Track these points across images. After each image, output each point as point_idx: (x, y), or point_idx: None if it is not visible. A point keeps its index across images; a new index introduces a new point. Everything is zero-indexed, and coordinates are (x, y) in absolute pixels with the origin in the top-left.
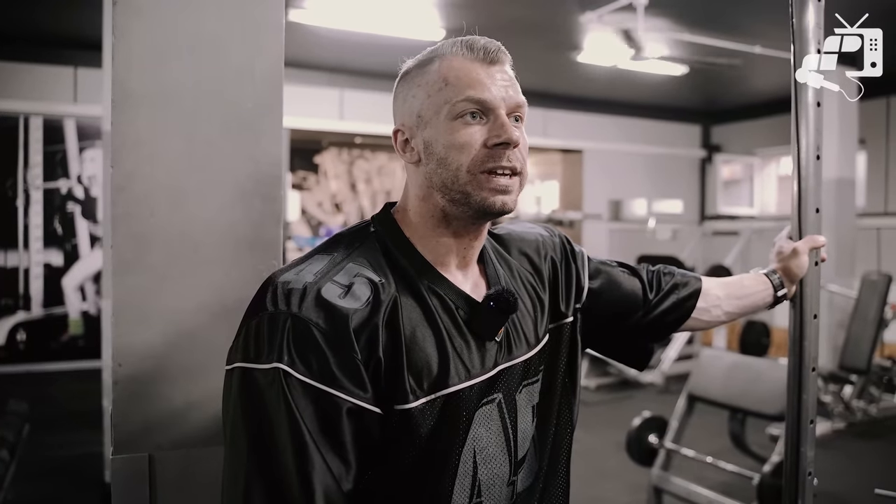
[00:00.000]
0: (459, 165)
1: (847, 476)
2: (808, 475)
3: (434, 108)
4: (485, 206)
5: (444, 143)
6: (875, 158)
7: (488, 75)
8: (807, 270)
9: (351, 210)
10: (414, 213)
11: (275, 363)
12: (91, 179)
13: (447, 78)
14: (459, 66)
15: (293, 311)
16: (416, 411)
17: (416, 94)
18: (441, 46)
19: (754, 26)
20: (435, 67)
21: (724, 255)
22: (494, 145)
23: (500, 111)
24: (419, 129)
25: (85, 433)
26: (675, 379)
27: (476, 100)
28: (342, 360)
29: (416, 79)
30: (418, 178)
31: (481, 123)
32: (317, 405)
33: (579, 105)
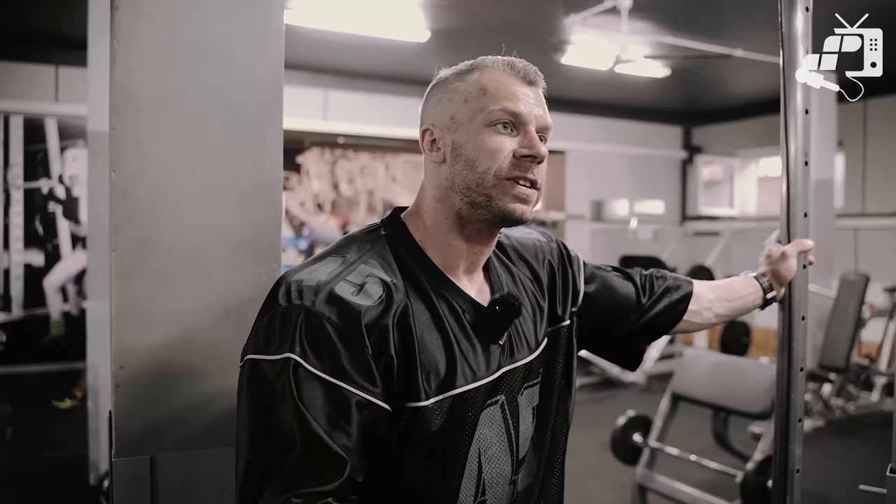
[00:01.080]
0: (487, 169)
1: (826, 473)
2: (797, 472)
3: (469, 113)
4: (505, 212)
5: (475, 146)
6: (852, 160)
7: (524, 93)
8: (795, 273)
9: None
10: (428, 214)
11: (286, 353)
12: (73, 179)
13: (486, 87)
14: (500, 79)
15: (306, 306)
16: (428, 410)
17: (452, 97)
18: (483, 60)
19: (736, 30)
20: (475, 77)
21: (705, 256)
22: (523, 156)
23: (531, 126)
24: (450, 130)
25: (69, 435)
26: (658, 378)
27: (511, 112)
28: (353, 354)
29: (454, 84)
30: (438, 178)
31: (512, 135)
32: (326, 397)
33: (562, 106)
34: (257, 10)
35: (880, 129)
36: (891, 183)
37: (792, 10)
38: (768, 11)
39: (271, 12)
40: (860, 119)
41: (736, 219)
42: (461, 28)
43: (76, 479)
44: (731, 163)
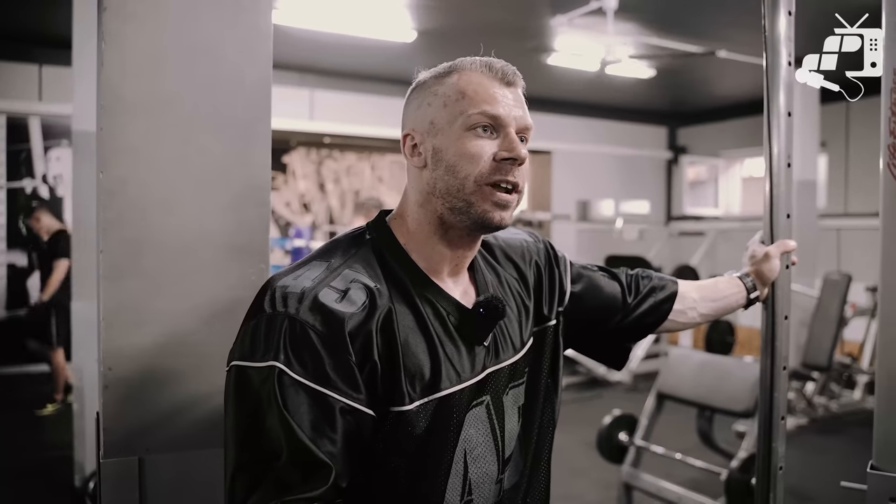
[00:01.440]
0: (468, 174)
1: (809, 470)
2: (780, 469)
3: (448, 118)
4: (484, 219)
5: (455, 151)
6: (835, 161)
7: (503, 94)
8: (778, 274)
9: (319, 210)
10: (412, 219)
11: (271, 361)
12: (57, 179)
13: (465, 91)
14: (478, 82)
15: (290, 313)
16: (412, 413)
17: (431, 101)
18: (461, 62)
19: (719, 31)
20: (453, 80)
21: (690, 255)
22: (503, 159)
23: (511, 128)
24: (430, 135)
25: (52, 437)
26: (643, 377)
27: (490, 115)
28: (337, 361)
29: (433, 87)
30: (420, 183)
31: (491, 138)
32: (310, 404)
33: (548, 107)
34: (246, 12)
35: (862, 130)
36: (873, 183)
37: (775, 14)
38: (752, 13)
39: (260, 14)
40: (843, 120)
41: (720, 219)
42: (447, 28)
43: (61, 481)
44: (715, 163)
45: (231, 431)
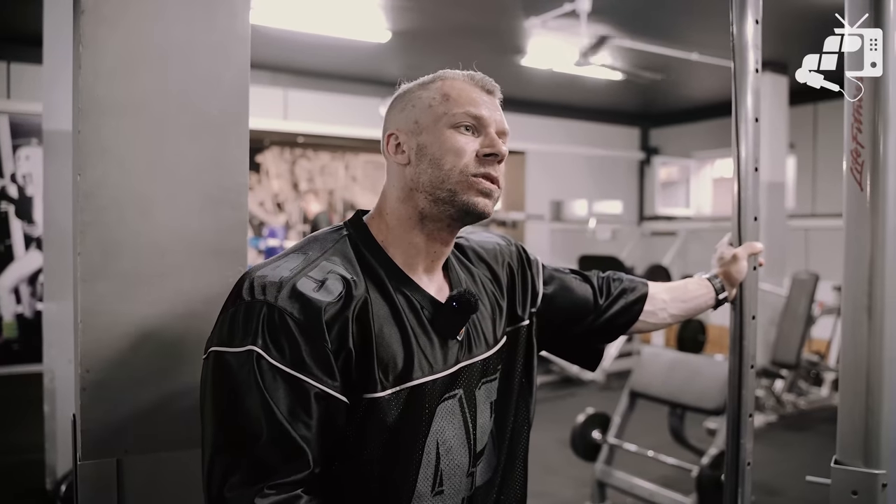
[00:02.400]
0: (453, 166)
1: (778, 465)
2: (748, 465)
3: (433, 117)
4: (468, 205)
5: (440, 146)
6: (804, 162)
7: (484, 99)
8: (746, 275)
9: (293, 210)
10: (391, 215)
11: (249, 346)
12: (26, 178)
13: (449, 94)
14: (461, 87)
15: (269, 301)
16: (383, 401)
17: (416, 104)
18: (444, 72)
19: (691, 34)
20: (438, 85)
21: (663, 255)
22: (486, 155)
23: (492, 129)
24: (415, 134)
25: (23, 440)
26: (616, 376)
27: (474, 115)
28: (313, 348)
29: (417, 92)
30: (402, 179)
31: (474, 136)
32: (287, 388)
33: (522, 107)
34: (221, 15)
35: (830, 132)
36: (840, 185)
37: (742, 22)
38: (723, 18)
39: (236, 18)
40: (811, 122)
41: (692, 219)
42: (422, 29)
43: (30, 485)
44: (687, 164)
45: (209, 415)
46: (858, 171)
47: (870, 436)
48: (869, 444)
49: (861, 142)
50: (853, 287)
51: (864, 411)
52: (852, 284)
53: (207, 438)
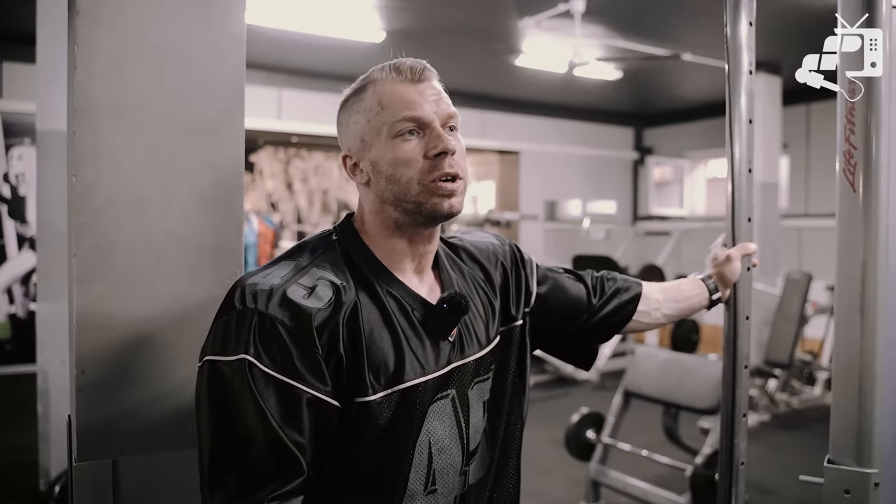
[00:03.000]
0: (409, 179)
1: (772, 464)
2: (741, 464)
3: (374, 131)
4: (435, 211)
5: (389, 160)
6: (797, 162)
7: (418, 93)
8: (739, 275)
9: (287, 209)
10: (369, 225)
11: (241, 354)
12: (19, 178)
13: (381, 101)
14: (391, 90)
15: (260, 309)
16: (375, 404)
17: (356, 120)
18: (371, 73)
19: (686, 35)
20: (369, 93)
21: (656, 255)
22: (434, 156)
23: (435, 124)
24: (364, 151)
25: (16, 440)
26: (610, 375)
27: (411, 118)
28: (304, 355)
29: (354, 105)
30: (370, 196)
31: (419, 137)
32: (279, 395)
33: (517, 107)
34: (217, 17)
35: (823, 132)
36: (833, 184)
37: (736, 24)
38: (716, 18)
39: (231, 19)
40: (804, 122)
41: (685, 219)
42: (416, 29)
43: (23, 486)
44: (680, 164)
45: (206, 424)
46: (851, 173)
47: (862, 435)
48: (861, 443)
49: (854, 143)
50: (846, 288)
51: (857, 411)
52: (845, 285)
53: (204, 447)
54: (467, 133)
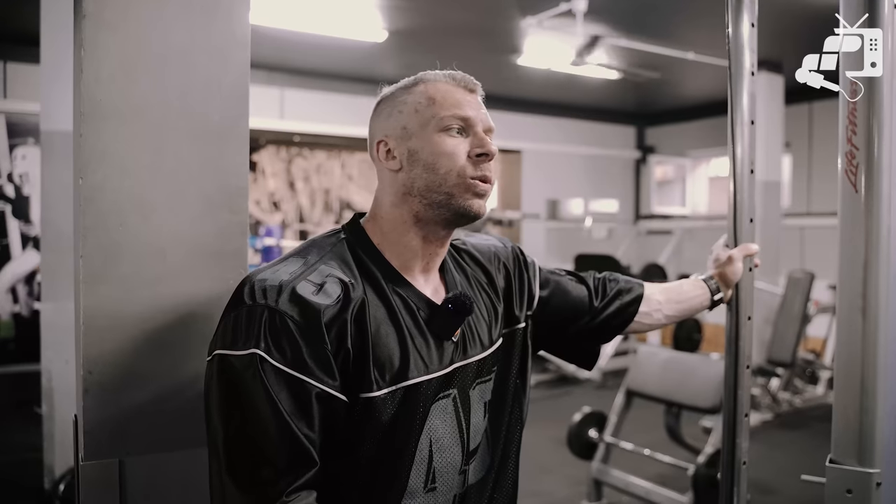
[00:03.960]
0: (449, 170)
1: (774, 464)
2: (743, 464)
3: (421, 122)
4: (464, 208)
5: (432, 150)
6: (799, 161)
7: (469, 100)
8: (741, 276)
9: (289, 209)
10: (385, 220)
11: (252, 349)
12: (23, 178)
13: (434, 97)
14: (445, 89)
15: (270, 304)
16: (379, 400)
17: (402, 109)
18: (424, 74)
19: (688, 34)
20: (421, 89)
21: (658, 254)
22: (478, 155)
23: (479, 128)
24: (404, 139)
25: (20, 439)
26: (613, 374)
27: (461, 117)
28: (314, 350)
29: (401, 97)
30: (395, 185)
31: (463, 137)
32: (289, 389)
33: (518, 106)
34: (220, 19)
35: (825, 131)
36: (835, 183)
37: (739, 24)
38: (718, 17)
39: (236, 23)
40: (806, 121)
41: (687, 217)
42: (418, 29)
43: (28, 484)
44: (682, 163)
45: (216, 418)
46: (853, 173)
47: (864, 435)
48: (863, 443)
49: (856, 143)
50: (848, 288)
51: (859, 411)
52: (847, 286)
53: (217, 441)
54: None
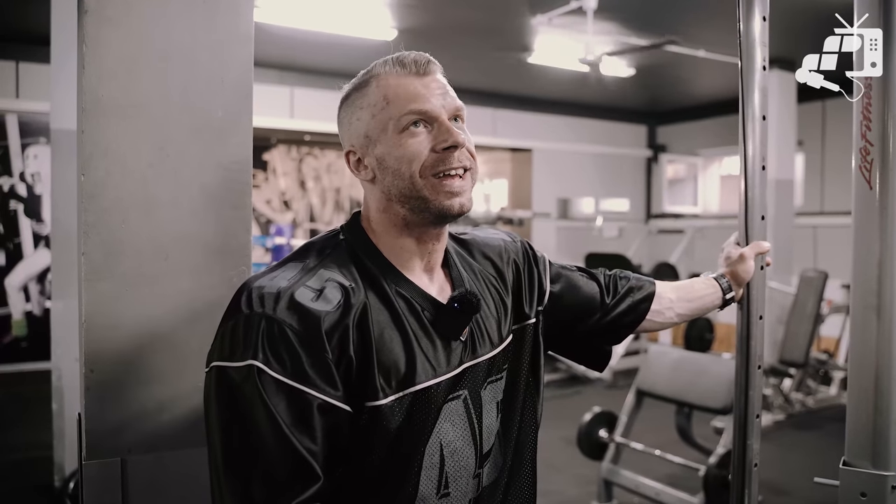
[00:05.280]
0: (413, 173)
1: (786, 465)
2: (755, 465)
3: (380, 126)
4: (443, 210)
5: (396, 155)
6: (812, 159)
7: (424, 86)
8: (753, 274)
9: (300, 208)
10: (376, 223)
11: (249, 360)
12: (35, 177)
13: (387, 96)
14: (396, 83)
15: (267, 313)
16: (386, 408)
17: (360, 116)
18: (374, 67)
19: (698, 31)
20: (373, 88)
21: (669, 253)
22: (443, 149)
23: (443, 117)
24: (369, 147)
25: (31, 437)
26: (623, 374)
27: (418, 111)
28: (314, 359)
29: (357, 101)
30: (376, 193)
31: (427, 132)
32: (289, 401)
33: (528, 105)
34: (224, 16)
35: (838, 129)
36: (848, 182)
37: (750, 19)
38: (731, 15)
39: (239, 18)
40: (819, 119)
41: (699, 216)
42: (428, 27)
43: (39, 482)
44: (694, 161)
45: (215, 432)
46: (867, 170)
47: (879, 437)
48: (878, 445)
49: (870, 140)
50: (862, 287)
51: (873, 412)
52: (861, 284)
53: (217, 455)
54: (479, 131)
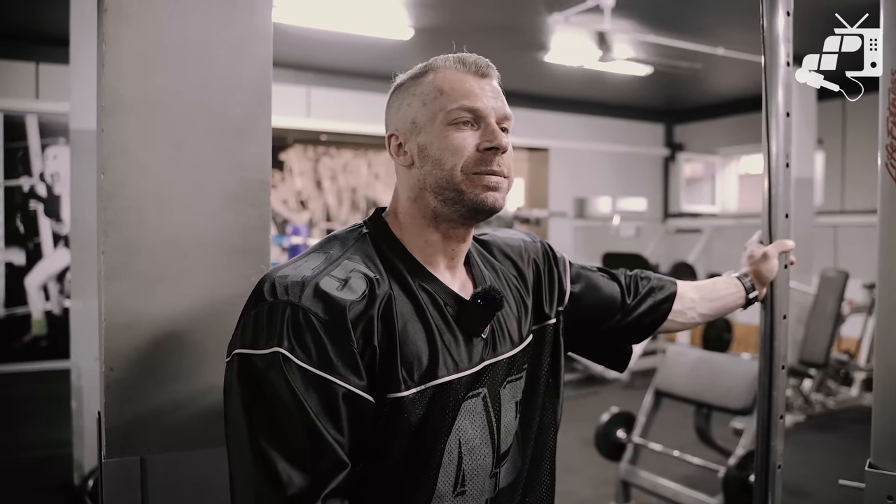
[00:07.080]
0: (454, 165)
1: (807, 467)
2: (778, 467)
3: (429, 115)
4: (477, 203)
5: (439, 146)
6: (832, 158)
7: (479, 87)
8: (776, 273)
9: (316, 207)
10: (404, 214)
11: (274, 348)
12: (54, 177)
13: (442, 88)
14: (453, 78)
15: (292, 301)
16: (408, 400)
17: (411, 102)
18: (434, 61)
19: (717, 29)
20: (430, 79)
21: (687, 253)
22: (486, 149)
23: (491, 118)
24: (414, 134)
25: (51, 435)
26: (641, 374)
27: (469, 108)
28: (339, 348)
29: (411, 88)
30: (410, 180)
31: (473, 129)
32: (315, 390)
33: (545, 104)
34: (241, 13)
35: (859, 128)
36: (869, 180)
37: (773, 14)
38: (750, 12)
39: (256, 16)
40: (839, 117)
41: (717, 216)
42: (444, 26)
43: (59, 480)
44: (712, 160)
45: (239, 419)
46: (894, 167)
47: None
48: None
49: None
50: (888, 285)
51: None
52: (887, 282)
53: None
54: None
